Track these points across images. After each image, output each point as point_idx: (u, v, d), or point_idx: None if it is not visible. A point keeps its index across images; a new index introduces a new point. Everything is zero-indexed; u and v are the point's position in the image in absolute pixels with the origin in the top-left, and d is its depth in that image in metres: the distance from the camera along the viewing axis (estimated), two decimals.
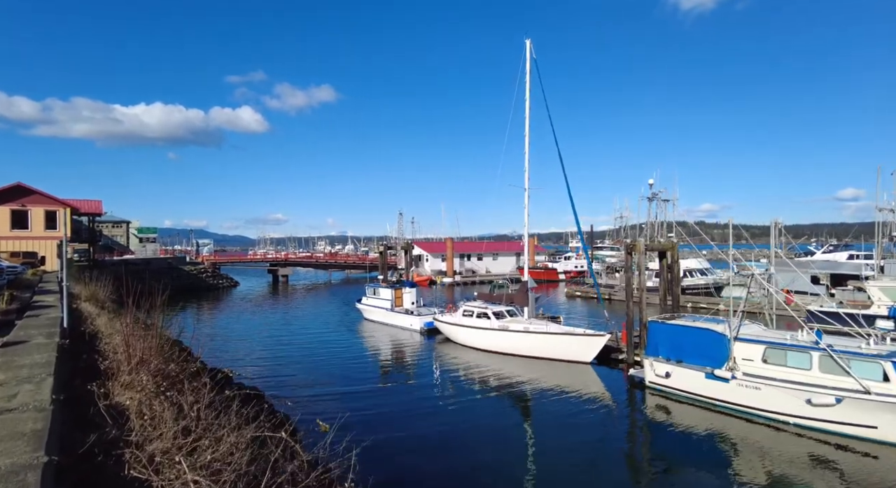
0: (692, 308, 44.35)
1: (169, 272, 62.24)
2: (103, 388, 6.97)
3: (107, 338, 12.03)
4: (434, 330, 32.64)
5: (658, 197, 55.02)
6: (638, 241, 23.12)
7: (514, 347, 25.25)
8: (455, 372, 24.08)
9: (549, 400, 20.01)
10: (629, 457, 15.29)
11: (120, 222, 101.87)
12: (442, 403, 19.96)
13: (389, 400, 20.03)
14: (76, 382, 7.01)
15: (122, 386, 7.14)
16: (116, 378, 7.56)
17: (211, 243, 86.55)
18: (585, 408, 18.86)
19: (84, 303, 20.36)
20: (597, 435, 16.64)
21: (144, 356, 8.49)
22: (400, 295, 36.75)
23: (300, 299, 57.42)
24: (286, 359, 26.16)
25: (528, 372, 23.12)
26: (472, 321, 27.31)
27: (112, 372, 7.82)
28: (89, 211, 55.04)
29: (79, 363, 8.90)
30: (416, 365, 26.01)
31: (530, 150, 26.51)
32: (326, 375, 23.16)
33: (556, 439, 16.24)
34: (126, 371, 7.69)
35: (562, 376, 22.70)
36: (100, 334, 12.60)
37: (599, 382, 22.19)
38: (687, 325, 18.50)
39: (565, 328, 24.69)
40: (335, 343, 31.37)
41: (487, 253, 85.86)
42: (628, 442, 16.53)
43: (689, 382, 18.01)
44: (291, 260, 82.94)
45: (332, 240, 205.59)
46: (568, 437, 16.35)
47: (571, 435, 16.59)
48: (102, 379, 7.41)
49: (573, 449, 15.31)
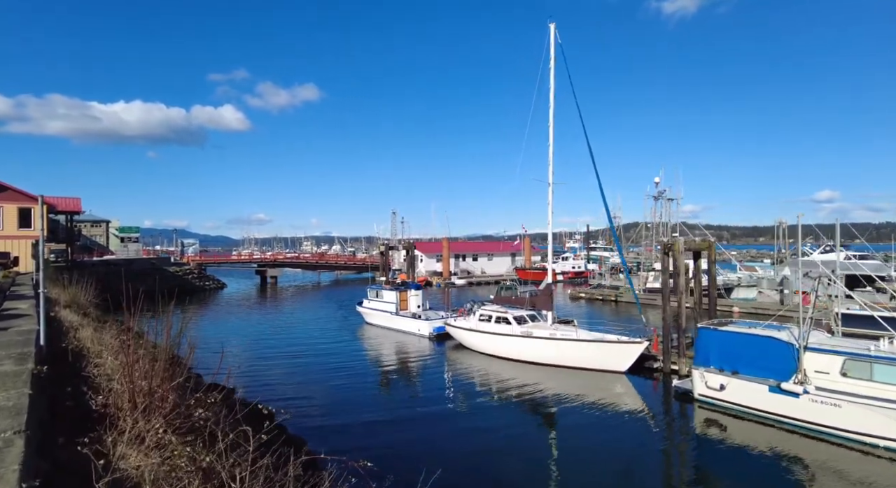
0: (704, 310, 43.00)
1: (153, 273, 59.14)
2: (102, 446, 4.84)
3: (96, 358, 9.80)
4: (444, 335, 30.63)
5: (664, 195, 53.89)
6: (677, 240, 21.37)
7: (539, 355, 23.35)
8: (472, 383, 22.13)
9: (582, 414, 18.16)
10: (683, 482, 13.52)
11: (99, 221, 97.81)
12: (462, 419, 18.07)
13: (408, 418, 18.10)
14: (61, 440, 4.87)
15: (129, 443, 5.01)
16: (118, 425, 5.42)
17: (196, 243, 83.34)
18: (627, 425, 17.07)
19: (63, 309, 17.93)
20: (643, 456, 14.87)
21: (154, 388, 6.35)
22: (405, 297, 34.66)
23: (292, 302, 54.90)
24: (292, 374, 23.73)
25: (555, 383, 21.24)
26: (491, 326, 25.35)
27: (112, 417, 5.67)
28: (67, 209, 51.90)
29: (62, 398, 6.70)
30: (429, 374, 23.94)
31: (554, 144, 24.60)
32: (338, 395, 20.62)
33: (596, 461, 14.45)
34: (132, 415, 5.55)
35: (594, 387, 20.86)
36: (86, 352, 10.36)
37: (637, 394, 20.40)
38: (745, 333, 16.75)
39: (596, 334, 22.85)
40: (340, 353, 29.03)
41: (482, 253, 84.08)
42: (680, 464, 14.74)
43: (749, 396, 16.26)
44: (280, 260, 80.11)
45: (317, 241, 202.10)
46: (610, 458, 14.63)
47: (614, 455, 14.85)
48: (98, 429, 5.26)
49: (618, 473, 13.58)
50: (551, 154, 24.79)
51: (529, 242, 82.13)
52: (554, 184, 24.94)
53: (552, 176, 24.87)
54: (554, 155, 24.92)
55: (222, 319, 42.10)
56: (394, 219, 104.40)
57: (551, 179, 24.85)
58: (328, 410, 18.49)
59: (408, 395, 21.15)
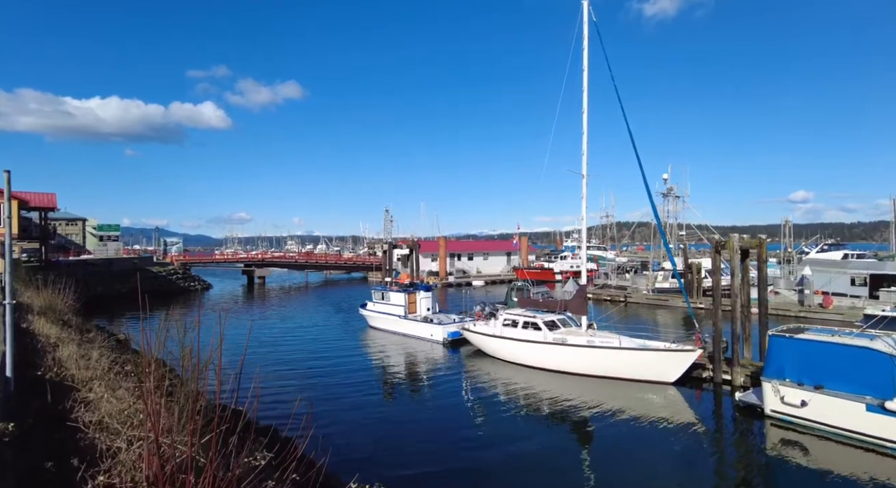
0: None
1: (135, 274, 55.75)
2: None
3: (85, 391, 7.30)
4: (459, 341, 28.36)
5: (672, 193, 52.29)
6: (731, 238, 19.37)
7: (575, 365, 21.22)
8: (497, 395, 20.02)
9: (631, 430, 16.15)
10: None
11: (75, 219, 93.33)
12: (488, 435, 16.02)
13: (425, 432, 15.97)
14: None
15: None
16: None
17: (180, 242, 79.69)
18: (685, 443, 15.10)
19: (38, 318, 15.21)
20: (709, 481, 12.92)
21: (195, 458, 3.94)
22: (414, 299, 32.26)
23: (284, 304, 52.01)
24: (296, 388, 21.17)
25: (595, 396, 19.13)
26: (518, 332, 23.14)
27: None
28: (41, 205, 48.36)
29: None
30: (447, 385, 21.61)
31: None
32: (350, 410, 18.34)
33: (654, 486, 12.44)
34: None
35: (641, 400, 18.81)
36: (70, 380, 7.84)
37: (691, 408, 18.38)
38: (832, 342, 14.76)
39: (639, 341, 20.78)
40: (347, 361, 26.43)
41: (478, 252, 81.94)
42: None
43: (840, 415, 14.29)
44: (268, 260, 76.90)
45: (301, 240, 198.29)
46: (671, 484, 12.58)
47: (674, 481, 12.80)
48: None
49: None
50: (585, 143, 22.68)
51: (527, 241, 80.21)
52: (586, 175, 22.80)
53: (586, 167, 22.75)
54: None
55: (213, 324, 39.12)
56: (386, 218, 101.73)
57: (585, 170, 22.74)
58: (341, 429, 16.13)
59: (425, 409, 18.84)
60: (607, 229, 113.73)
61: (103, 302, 44.88)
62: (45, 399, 6.87)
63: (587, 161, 22.72)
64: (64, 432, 5.57)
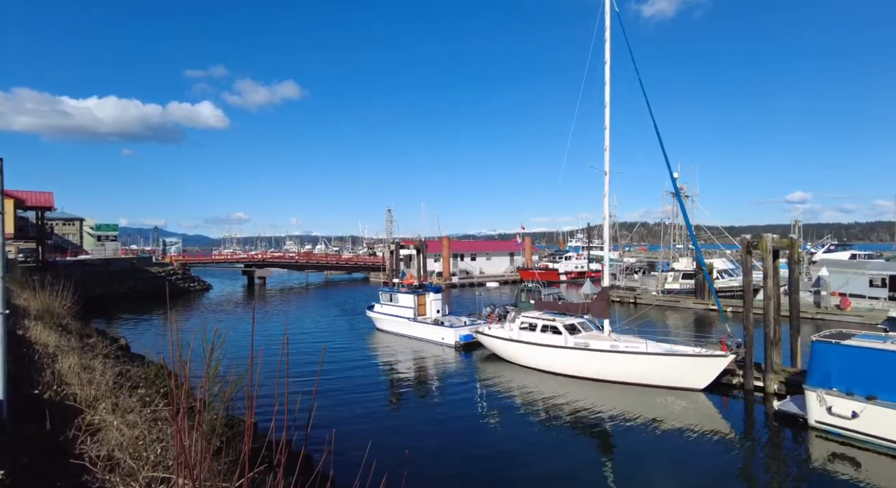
0: (733, 313, 40.53)
1: (133, 274, 54.76)
2: None
3: (90, 413, 6.31)
4: (471, 344, 27.40)
5: (682, 192, 51.40)
6: (764, 238, 18.44)
7: (597, 371, 20.28)
8: (514, 402, 19.20)
9: (660, 440, 15.31)
10: None
11: (72, 219, 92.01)
12: (506, 444, 15.14)
13: (441, 442, 14.88)
14: None
15: None
16: None
17: (179, 242, 78.45)
18: (721, 456, 14.27)
19: (35, 323, 14.17)
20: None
21: None
22: (424, 301, 31.28)
23: (287, 305, 50.93)
24: (308, 397, 20.28)
25: (620, 403, 18.21)
26: (536, 336, 22.18)
27: None
28: (37, 204, 47.24)
29: None
30: (461, 391, 20.65)
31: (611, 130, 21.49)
32: (363, 419, 17.55)
33: None
34: None
35: (670, 408, 17.89)
36: (73, 400, 6.84)
37: (724, 417, 17.48)
38: (886, 350, 13.83)
39: (665, 346, 19.84)
40: (358, 367, 25.43)
41: (481, 253, 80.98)
42: None
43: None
44: (269, 260, 75.78)
45: (300, 240, 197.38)
46: None
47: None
48: None
49: None
50: (607, 139, 21.73)
51: (531, 242, 79.29)
52: (609, 172, 21.84)
53: (608, 163, 21.80)
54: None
55: (217, 325, 38.02)
56: (389, 217, 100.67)
57: (608, 167, 21.79)
58: (353, 444, 15.10)
59: (439, 418, 17.84)
60: (610, 229, 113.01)
61: (101, 303, 43.81)
62: (43, 424, 5.88)
63: (609, 158, 21.77)
64: (67, 471, 4.59)
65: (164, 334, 34.79)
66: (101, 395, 7.18)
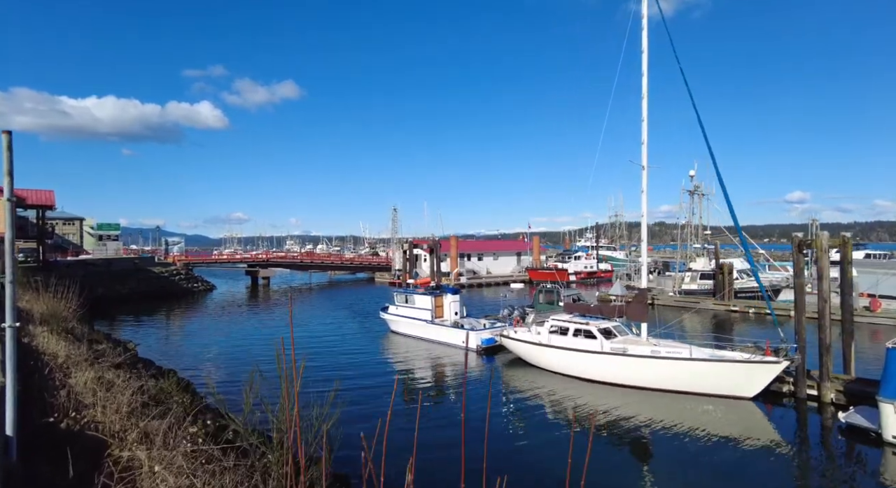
0: (755, 314, 39.39)
1: (135, 274, 53.53)
2: None
3: (117, 447, 5.12)
4: (493, 348, 26.22)
5: (699, 190, 50.25)
6: (819, 236, 17.25)
7: (637, 377, 19.10)
8: (544, 410, 18.06)
9: (712, 452, 14.20)
10: None
11: (72, 219, 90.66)
12: (541, 455, 13.68)
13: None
14: None
15: None
16: None
17: (182, 242, 77.06)
18: (782, 473, 13.11)
19: (41, 329, 12.97)
20: None
21: None
22: (441, 303, 30.08)
23: (295, 307, 49.65)
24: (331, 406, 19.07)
25: (661, 412, 17.06)
26: (568, 341, 20.99)
27: None
28: (38, 202, 46.00)
29: None
30: (485, 400, 19.47)
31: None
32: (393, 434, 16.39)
33: None
34: None
35: (718, 418, 16.75)
36: (95, 428, 5.64)
37: (778, 429, 16.28)
38: None
39: (708, 351, 18.66)
40: (375, 373, 24.32)
41: (487, 252, 79.78)
42: None
43: None
44: (273, 260, 74.53)
45: (301, 240, 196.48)
46: None
47: None
48: None
49: None
50: (644, 132, 20.54)
51: (539, 241, 78.09)
52: (647, 166, 20.66)
53: (646, 157, 20.62)
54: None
55: (223, 329, 36.87)
56: (394, 217, 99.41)
57: (645, 162, 20.60)
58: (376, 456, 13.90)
59: (467, 427, 16.63)
60: (616, 228, 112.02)
61: (103, 304, 42.53)
62: (63, 466, 4.68)
63: (646, 152, 20.58)
64: None
65: (171, 337, 33.61)
66: (127, 423, 5.97)
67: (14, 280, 4.67)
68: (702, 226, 52.01)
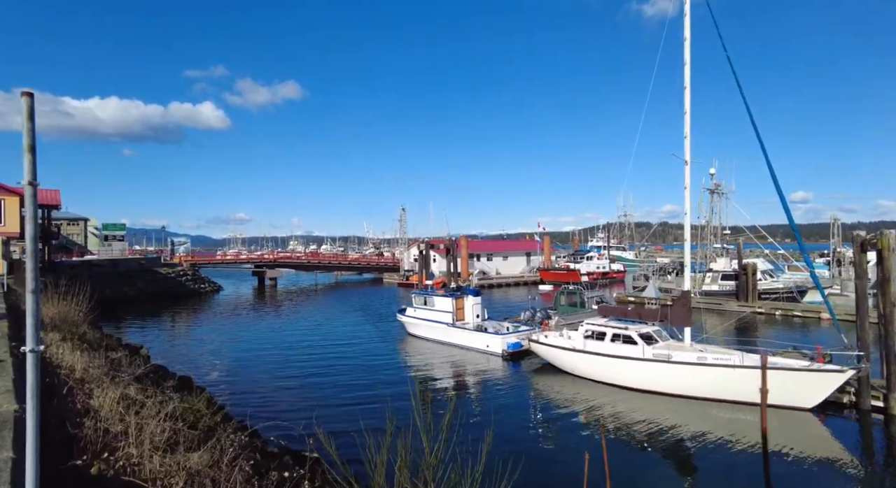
0: (782, 316, 38.13)
1: (142, 275, 52.52)
2: None
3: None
4: (519, 353, 25.07)
5: (719, 189, 49.02)
6: (886, 234, 16.05)
7: (681, 385, 17.95)
8: (581, 421, 16.86)
9: (771, 466, 12.96)
10: None
11: (77, 219, 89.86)
12: (580, 473, 12.60)
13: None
14: None
15: None
16: None
17: (188, 242, 75.94)
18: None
19: (53, 336, 11.87)
20: None
21: None
22: (462, 305, 28.93)
23: (303, 308, 48.53)
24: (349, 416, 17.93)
25: (711, 425, 15.96)
26: (605, 346, 19.83)
27: None
28: (43, 202, 45.03)
29: None
30: (518, 408, 18.36)
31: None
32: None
33: None
34: None
35: (774, 429, 15.51)
36: (135, 481, 4.50)
37: (841, 442, 15.06)
38: None
39: (755, 357, 17.44)
40: (400, 379, 23.26)
41: (497, 253, 78.62)
42: None
43: None
44: (280, 260, 73.47)
45: (305, 241, 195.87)
46: None
47: None
48: None
49: None
50: (687, 125, 19.38)
51: (549, 241, 76.87)
52: (689, 161, 19.50)
53: (689, 152, 19.46)
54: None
55: (236, 333, 35.77)
56: (402, 217, 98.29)
57: (688, 156, 19.45)
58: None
59: (496, 439, 15.49)
60: (625, 228, 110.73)
61: (109, 305, 41.48)
62: None
63: (689, 146, 19.42)
64: None
65: (182, 341, 32.53)
66: (169, 463, 4.83)
67: (38, 288, 3.56)
68: (720, 225, 50.80)
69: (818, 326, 35.15)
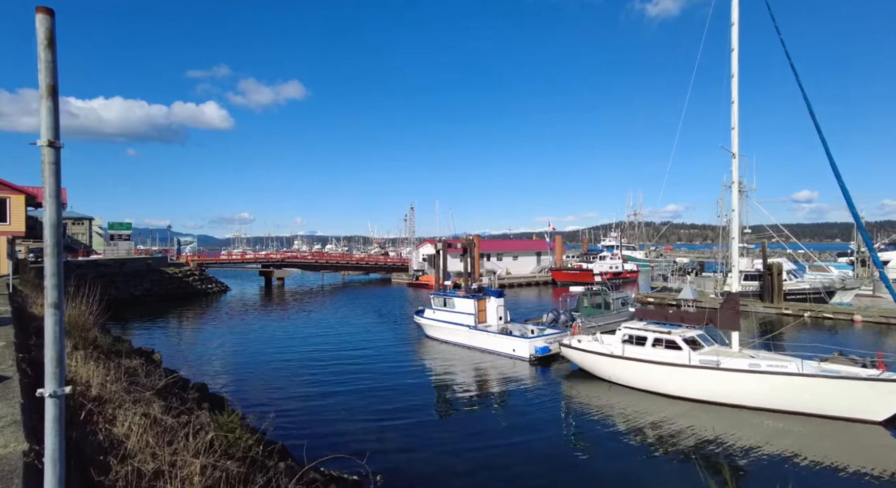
0: (811, 318, 36.82)
1: (149, 275, 51.52)
2: None
3: None
4: (548, 358, 23.91)
5: (740, 187, 47.62)
6: None
7: (731, 394, 16.77)
8: (621, 431, 15.73)
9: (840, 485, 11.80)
10: None
11: (82, 219, 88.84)
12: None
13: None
14: None
15: None
16: None
17: (195, 241, 75.08)
18: None
19: (65, 345, 10.67)
20: None
21: None
22: (484, 307, 27.76)
23: (314, 309, 47.37)
24: (371, 426, 16.76)
25: (766, 436, 14.78)
26: (646, 352, 18.64)
27: None
28: None
29: None
30: (551, 419, 17.16)
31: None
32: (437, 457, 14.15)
33: None
34: None
35: (839, 444, 14.39)
36: None
37: None
38: None
39: (813, 363, 16.25)
40: (418, 388, 22.14)
41: (507, 252, 77.41)
42: None
43: None
44: (288, 260, 72.40)
45: (309, 240, 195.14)
46: None
47: None
48: None
49: None
50: (735, 116, 18.20)
51: (561, 241, 75.60)
52: (737, 155, 18.32)
53: (737, 144, 18.26)
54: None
55: (243, 334, 34.65)
56: (411, 216, 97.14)
57: (736, 149, 18.26)
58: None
59: (528, 452, 14.25)
60: (635, 227, 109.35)
61: (116, 306, 40.45)
62: None
63: (737, 137, 18.22)
64: None
65: (191, 344, 31.43)
66: None
67: (62, 300, 2.44)
68: (741, 224, 49.46)
69: (851, 328, 33.89)
